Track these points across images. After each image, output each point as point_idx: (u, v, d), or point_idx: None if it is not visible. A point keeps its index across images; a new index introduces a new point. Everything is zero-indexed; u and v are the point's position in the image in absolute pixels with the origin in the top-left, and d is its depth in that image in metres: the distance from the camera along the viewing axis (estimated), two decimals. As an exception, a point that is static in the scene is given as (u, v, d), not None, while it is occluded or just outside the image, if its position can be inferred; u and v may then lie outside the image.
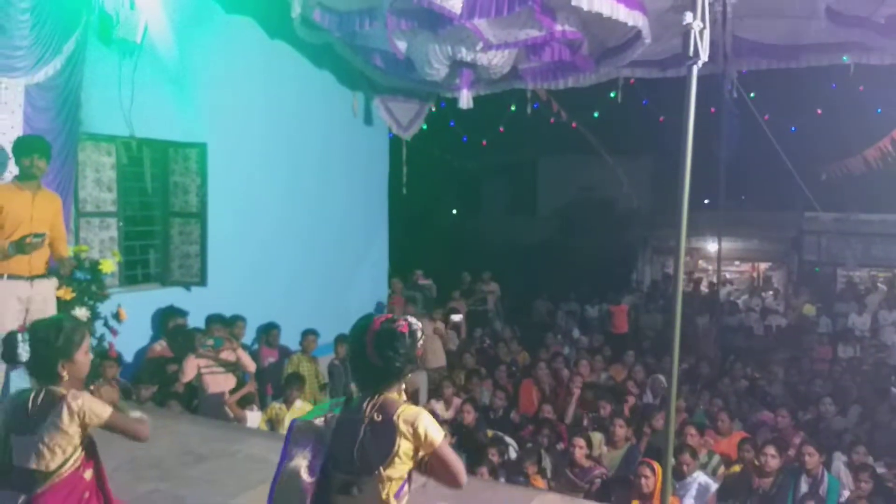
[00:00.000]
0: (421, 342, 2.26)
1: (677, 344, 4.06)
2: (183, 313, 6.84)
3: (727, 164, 11.88)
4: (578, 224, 18.67)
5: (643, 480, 5.20)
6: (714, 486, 5.85)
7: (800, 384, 8.58)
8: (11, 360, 2.77)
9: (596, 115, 11.44)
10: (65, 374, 2.77)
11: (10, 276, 5.05)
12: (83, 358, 2.84)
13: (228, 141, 7.44)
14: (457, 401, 7.38)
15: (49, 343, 2.74)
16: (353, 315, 8.69)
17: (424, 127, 10.35)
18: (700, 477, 5.89)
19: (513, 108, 10.48)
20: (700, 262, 18.90)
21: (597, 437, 6.45)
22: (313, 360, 7.67)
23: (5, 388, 4.97)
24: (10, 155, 5.26)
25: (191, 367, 6.37)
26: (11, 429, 2.75)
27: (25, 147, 5.17)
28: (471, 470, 5.73)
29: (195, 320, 6.94)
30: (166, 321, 6.77)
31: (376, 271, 9.99)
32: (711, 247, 18.86)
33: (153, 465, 4.58)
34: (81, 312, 5.73)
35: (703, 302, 14.50)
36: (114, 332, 6.15)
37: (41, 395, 2.74)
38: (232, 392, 6.32)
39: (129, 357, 6.53)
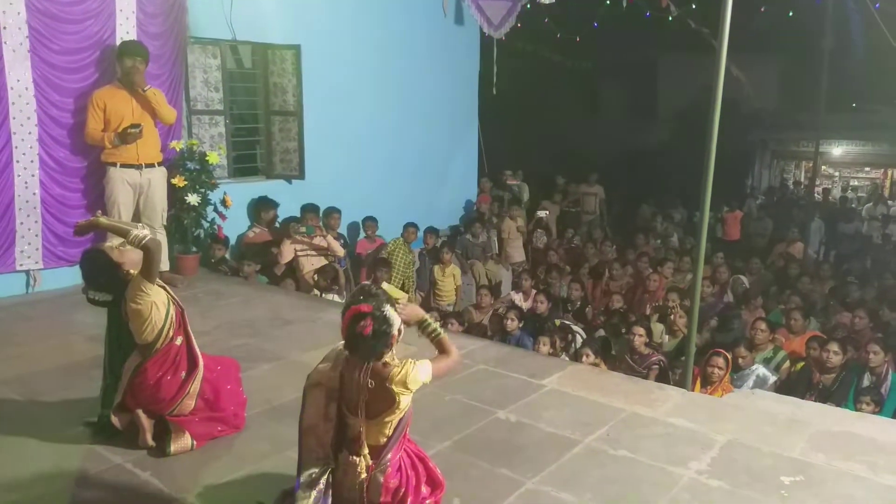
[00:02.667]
0: (396, 332, 2.49)
1: (703, 244, 4.28)
2: (275, 204, 7.54)
3: (849, 59, 11.01)
4: (695, 128, 17.87)
5: (714, 370, 5.44)
6: (772, 379, 5.99)
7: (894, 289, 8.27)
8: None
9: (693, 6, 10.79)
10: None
11: (122, 165, 5.97)
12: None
13: (321, 42, 7.89)
14: (535, 293, 7.79)
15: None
16: (443, 211, 9.35)
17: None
18: (759, 370, 6.05)
19: (607, 2, 10.16)
20: (823, 167, 17.73)
21: (658, 327, 6.69)
22: (411, 249, 8.31)
23: None
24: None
25: (287, 250, 7.17)
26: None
27: (127, 51, 5.95)
28: (535, 346, 6.23)
29: (295, 210, 7.68)
30: (259, 210, 7.51)
31: (466, 170, 10.32)
32: (837, 151, 17.66)
33: (248, 325, 5.38)
34: (193, 198, 6.58)
35: (817, 208, 13.80)
36: (222, 216, 6.99)
37: None
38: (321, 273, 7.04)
39: (233, 240, 7.37)
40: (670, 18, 10.38)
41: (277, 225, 7.55)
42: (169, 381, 3.44)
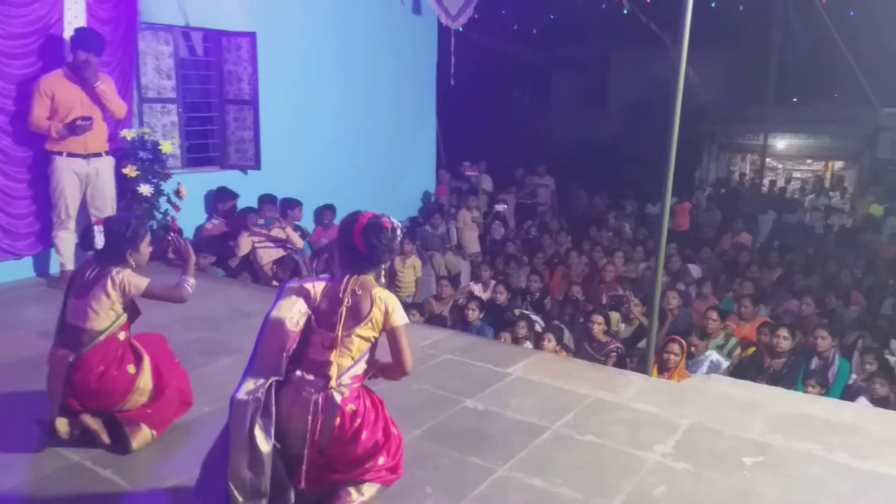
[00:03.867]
0: (399, 237, 2.56)
1: (664, 238, 4.40)
2: (234, 194, 7.41)
3: (795, 55, 11.37)
4: (645, 121, 18.21)
5: (671, 356, 5.59)
6: (725, 364, 6.18)
7: (838, 276, 8.59)
8: (89, 247, 3.30)
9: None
10: (131, 261, 3.33)
11: (69, 154, 5.77)
12: (146, 249, 3.39)
13: (277, 30, 7.76)
14: (494, 284, 7.84)
15: (121, 234, 3.29)
16: (400, 202, 9.29)
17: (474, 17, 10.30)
18: (712, 355, 6.24)
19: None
20: (769, 160, 18.29)
21: (615, 315, 6.81)
22: None
23: None
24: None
25: (245, 242, 7.04)
26: (71, 291, 3.35)
27: (82, 43, 5.73)
28: (496, 336, 6.28)
29: (252, 201, 7.54)
30: (217, 201, 7.36)
31: (424, 160, 10.30)
32: (781, 144, 18.22)
33: (206, 319, 5.27)
34: (146, 189, 6.40)
35: (763, 199, 14.23)
36: (176, 207, 6.82)
37: (94, 271, 3.30)
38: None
39: (189, 232, 7.20)
40: (625, 12, 10.53)
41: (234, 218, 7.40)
42: (115, 375, 3.31)
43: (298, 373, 2.49)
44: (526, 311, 7.31)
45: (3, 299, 5.62)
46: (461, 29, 10.32)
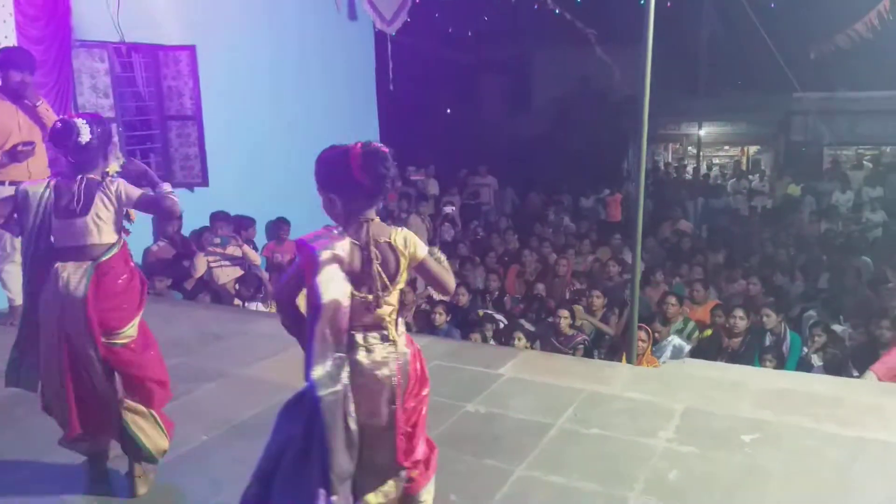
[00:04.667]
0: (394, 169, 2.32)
1: (640, 224, 4.55)
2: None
3: (712, 46, 11.92)
4: (572, 117, 18.68)
5: (639, 343, 5.72)
6: (688, 348, 6.42)
7: (776, 255, 9.07)
8: (70, 143, 2.96)
9: (578, 1, 11.31)
10: (102, 164, 3.08)
11: (11, 183, 5.42)
12: (113, 155, 3.18)
13: (216, 43, 7.56)
14: (452, 285, 7.87)
15: (104, 131, 3.06)
16: None
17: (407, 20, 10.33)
18: (674, 340, 6.47)
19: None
20: (689, 147, 19.08)
21: (578, 308, 6.97)
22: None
23: None
24: None
25: (201, 263, 6.83)
26: (55, 214, 2.98)
27: (13, 62, 5.39)
28: (464, 337, 6.32)
29: (202, 220, 7.31)
30: (162, 223, 7.11)
31: (370, 167, 10.23)
32: (700, 133, 19.03)
33: (176, 344, 5.06)
34: (93, 213, 6.11)
35: (689, 186, 14.84)
36: (125, 231, 6.52)
37: (83, 183, 3.01)
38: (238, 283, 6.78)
39: (137, 257, 6.91)
40: (556, 12, 10.76)
41: (185, 236, 7.17)
42: (135, 286, 3.21)
43: (359, 337, 2.32)
44: (489, 311, 7.39)
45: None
46: (394, 34, 10.32)
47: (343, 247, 2.25)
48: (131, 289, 3.20)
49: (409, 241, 2.36)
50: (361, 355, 2.30)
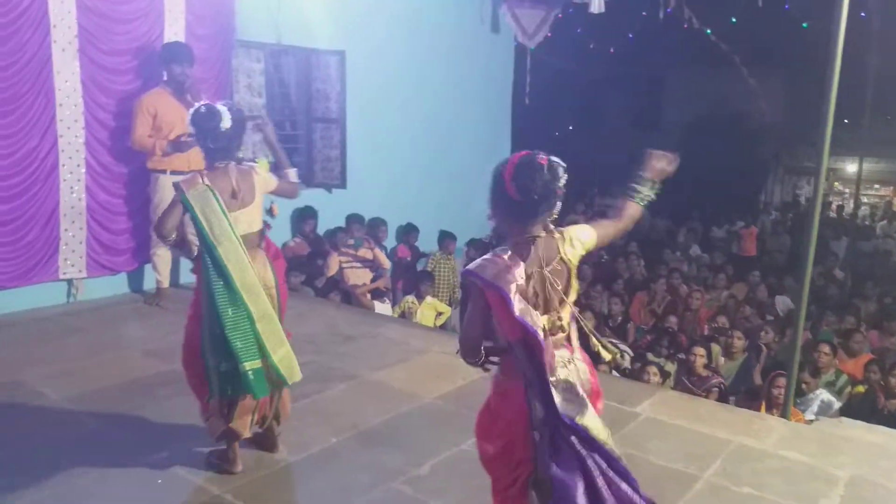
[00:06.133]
0: (562, 182, 2.13)
1: (811, 261, 4.14)
2: (314, 213, 7.33)
3: (874, 76, 10.96)
4: (705, 140, 17.86)
5: (781, 391, 5.28)
6: (837, 405, 5.86)
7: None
8: (211, 128, 3.10)
9: (734, 20, 10.74)
10: (235, 152, 3.21)
11: (173, 172, 5.71)
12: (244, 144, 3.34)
13: (365, 49, 7.71)
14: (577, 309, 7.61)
15: (239, 119, 3.17)
16: (474, 223, 8.98)
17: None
18: (823, 394, 5.92)
19: (643, 13, 10.08)
20: (836, 183, 17.78)
21: (716, 348, 6.54)
22: (451, 260, 8.12)
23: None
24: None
25: (334, 262, 6.96)
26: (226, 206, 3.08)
27: (174, 56, 5.69)
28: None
29: (336, 220, 7.47)
30: (301, 220, 7.29)
31: (498, 181, 10.14)
32: (850, 168, 17.70)
33: (309, 341, 5.15)
34: (239, 206, 6.35)
35: (836, 225, 13.77)
36: (267, 226, 6.73)
37: (234, 170, 3.15)
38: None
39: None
40: (708, 32, 10.29)
41: (320, 235, 7.33)
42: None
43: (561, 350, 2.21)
44: (613, 341, 7.08)
45: (103, 316, 5.60)
46: (533, 48, 10.21)
47: (520, 274, 2.11)
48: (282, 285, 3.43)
49: (575, 243, 2.22)
50: (563, 375, 2.17)
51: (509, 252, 2.15)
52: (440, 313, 7.02)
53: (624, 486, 2.17)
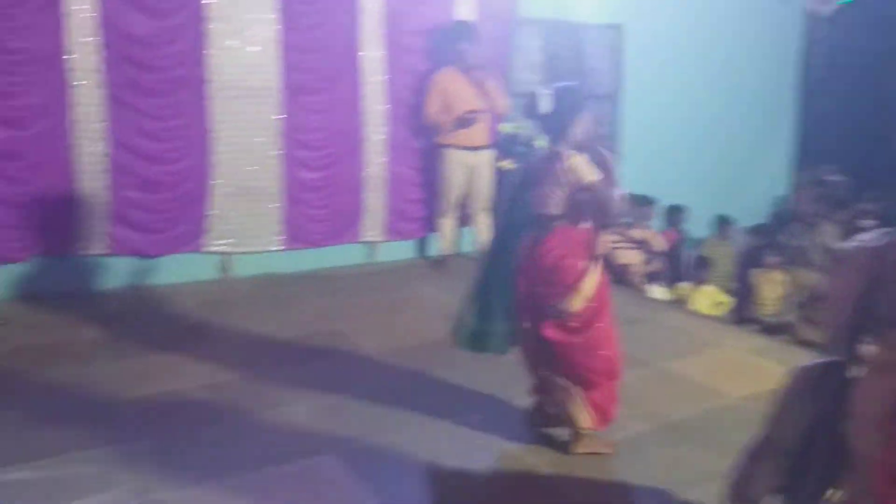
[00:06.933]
0: None
1: None
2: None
3: None
4: None
5: None
6: None
7: None
8: (532, 114, 3.20)
9: None
10: (570, 131, 3.14)
11: (458, 147, 5.96)
12: (580, 124, 3.16)
13: (642, 22, 7.43)
14: None
15: (565, 102, 3.13)
16: (748, 206, 8.19)
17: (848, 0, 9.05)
18: None
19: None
20: None
21: None
22: (728, 244, 7.66)
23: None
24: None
25: (604, 240, 6.83)
26: (528, 183, 3.27)
27: (462, 35, 5.89)
28: None
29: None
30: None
31: (777, 162, 9.29)
32: None
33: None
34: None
35: None
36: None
37: (547, 153, 3.23)
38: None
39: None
40: None
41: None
42: (569, 263, 3.17)
43: None
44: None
45: (398, 276, 6.06)
46: (827, 16, 9.12)
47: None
48: (563, 266, 3.19)
49: None
50: None
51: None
52: (719, 303, 6.62)
53: None
